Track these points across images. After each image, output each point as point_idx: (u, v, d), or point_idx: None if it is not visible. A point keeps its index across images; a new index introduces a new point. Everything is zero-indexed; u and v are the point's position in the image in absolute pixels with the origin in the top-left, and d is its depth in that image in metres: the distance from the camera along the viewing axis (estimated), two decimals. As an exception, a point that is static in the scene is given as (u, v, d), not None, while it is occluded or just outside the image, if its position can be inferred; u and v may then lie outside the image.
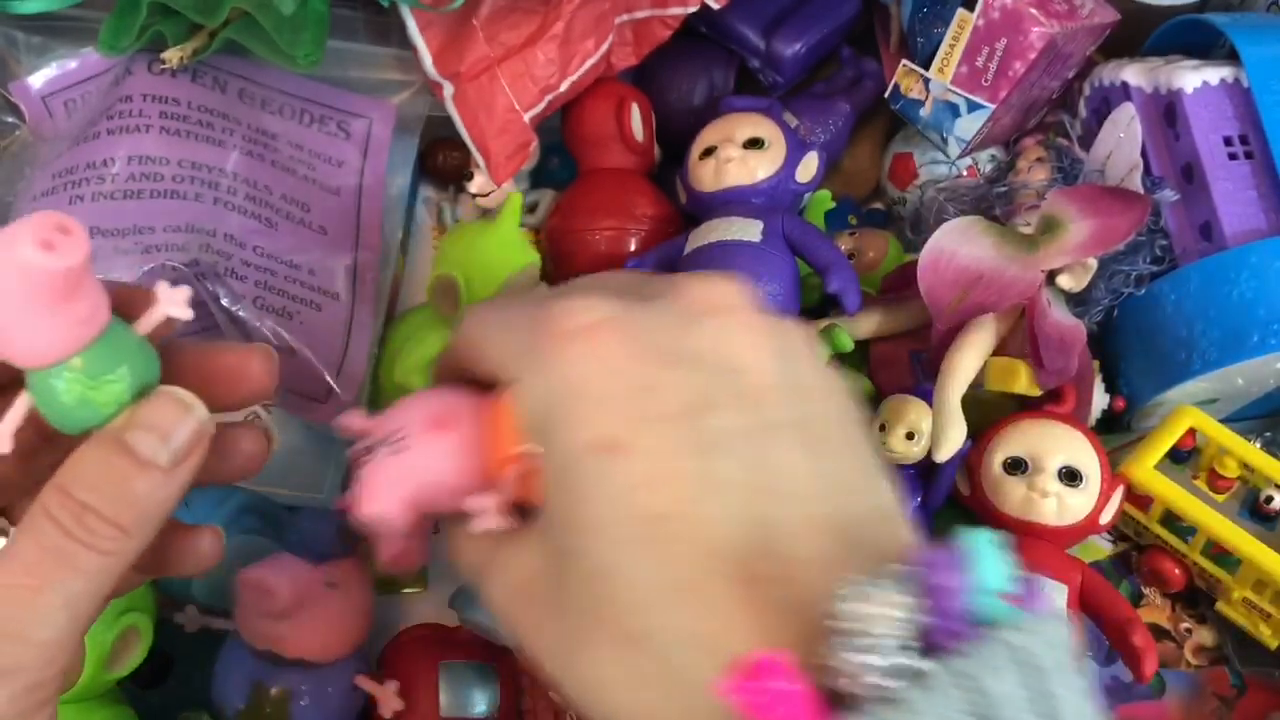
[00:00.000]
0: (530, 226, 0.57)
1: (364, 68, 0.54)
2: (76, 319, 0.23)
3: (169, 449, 0.24)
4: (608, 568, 0.23)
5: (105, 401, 0.24)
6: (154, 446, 0.24)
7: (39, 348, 0.23)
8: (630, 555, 0.22)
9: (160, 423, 0.24)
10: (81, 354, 0.24)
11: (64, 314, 0.23)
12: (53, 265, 0.22)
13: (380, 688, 0.43)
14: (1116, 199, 0.47)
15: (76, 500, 0.23)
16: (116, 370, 0.24)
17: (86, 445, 0.24)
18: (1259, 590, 0.44)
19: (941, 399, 0.43)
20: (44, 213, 0.22)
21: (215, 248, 0.46)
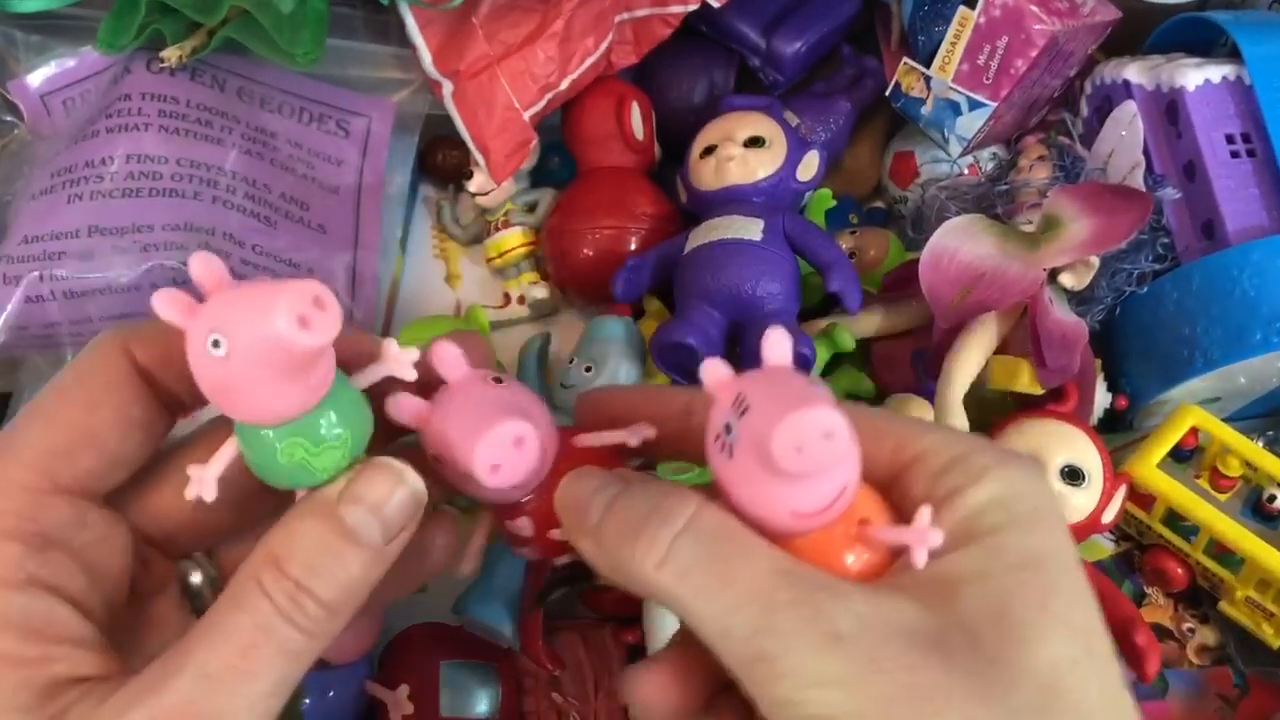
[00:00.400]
0: (530, 226, 0.56)
1: (363, 66, 0.54)
2: (309, 387, 0.22)
3: (383, 525, 0.23)
4: None
5: (323, 467, 0.23)
6: (369, 524, 0.23)
7: (264, 410, 0.22)
8: None
9: (374, 497, 0.23)
10: (305, 419, 0.23)
11: (299, 384, 0.22)
12: (305, 344, 0.21)
13: (391, 694, 0.42)
14: (1118, 197, 0.46)
15: (291, 578, 0.22)
16: (338, 437, 0.23)
17: (302, 516, 0.23)
18: (1262, 589, 0.44)
19: (943, 398, 0.43)
20: (304, 284, 0.21)
21: (214, 246, 0.45)
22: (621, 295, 0.50)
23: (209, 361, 0.21)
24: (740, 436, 0.21)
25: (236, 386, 0.22)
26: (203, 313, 0.21)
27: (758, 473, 0.21)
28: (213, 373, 0.22)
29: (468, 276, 0.58)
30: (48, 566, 0.23)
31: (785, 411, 0.20)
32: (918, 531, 0.22)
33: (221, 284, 0.22)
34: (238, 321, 0.21)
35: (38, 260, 0.44)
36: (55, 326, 0.45)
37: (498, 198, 0.55)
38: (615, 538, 0.23)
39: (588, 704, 0.45)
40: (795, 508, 0.22)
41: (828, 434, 0.20)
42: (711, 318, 0.46)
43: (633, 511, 0.23)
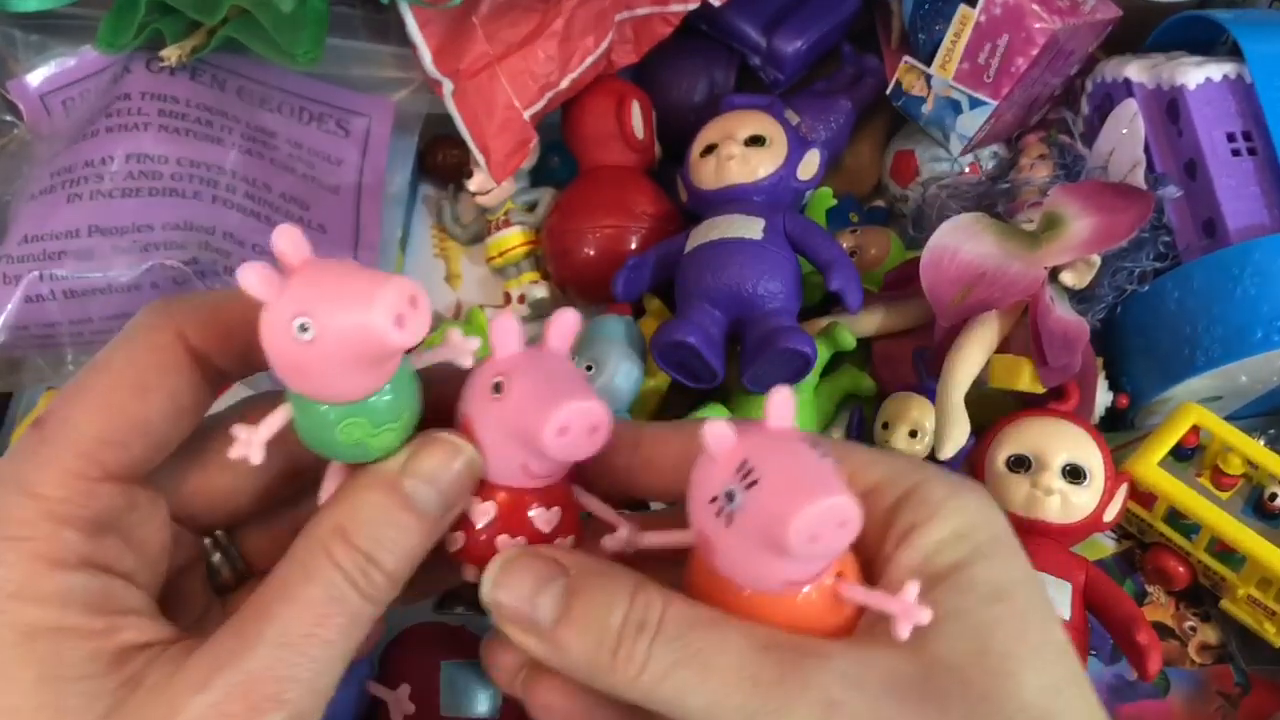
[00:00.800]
0: (530, 225, 0.56)
1: (363, 65, 0.54)
2: (382, 374, 0.23)
3: (441, 497, 0.24)
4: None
5: (378, 447, 0.24)
6: (429, 497, 0.24)
7: (334, 392, 0.23)
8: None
9: (433, 469, 0.24)
10: (369, 401, 0.23)
11: (375, 373, 0.23)
12: (400, 342, 0.21)
13: (392, 693, 0.42)
14: (1119, 196, 0.46)
15: (361, 550, 0.23)
16: (397, 419, 0.24)
17: (366, 488, 0.24)
18: (1263, 588, 0.44)
19: (944, 397, 0.43)
20: (402, 282, 0.21)
21: (214, 246, 0.45)
22: (622, 294, 0.50)
23: (291, 343, 0.21)
24: (746, 509, 0.20)
25: (315, 370, 0.22)
26: (289, 292, 0.21)
27: (757, 547, 0.21)
28: (293, 354, 0.22)
29: (468, 276, 0.58)
30: (101, 549, 0.23)
31: (803, 499, 0.20)
32: (905, 607, 0.21)
33: (306, 261, 0.22)
34: (331, 311, 0.21)
35: (37, 260, 0.44)
36: (55, 326, 0.45)
37: (498, 197, 0.55)
38: (583, 651, 0.23)
39: (589, 703, 0.45)
40: (789, 578, 0.22)
41: (843, 523, 0.20)
42: (712, 316, 0.46)
43: (596, 621, 0.23)
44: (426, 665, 0.44)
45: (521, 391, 0.23)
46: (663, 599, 0.23)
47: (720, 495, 0.21)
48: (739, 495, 0.21)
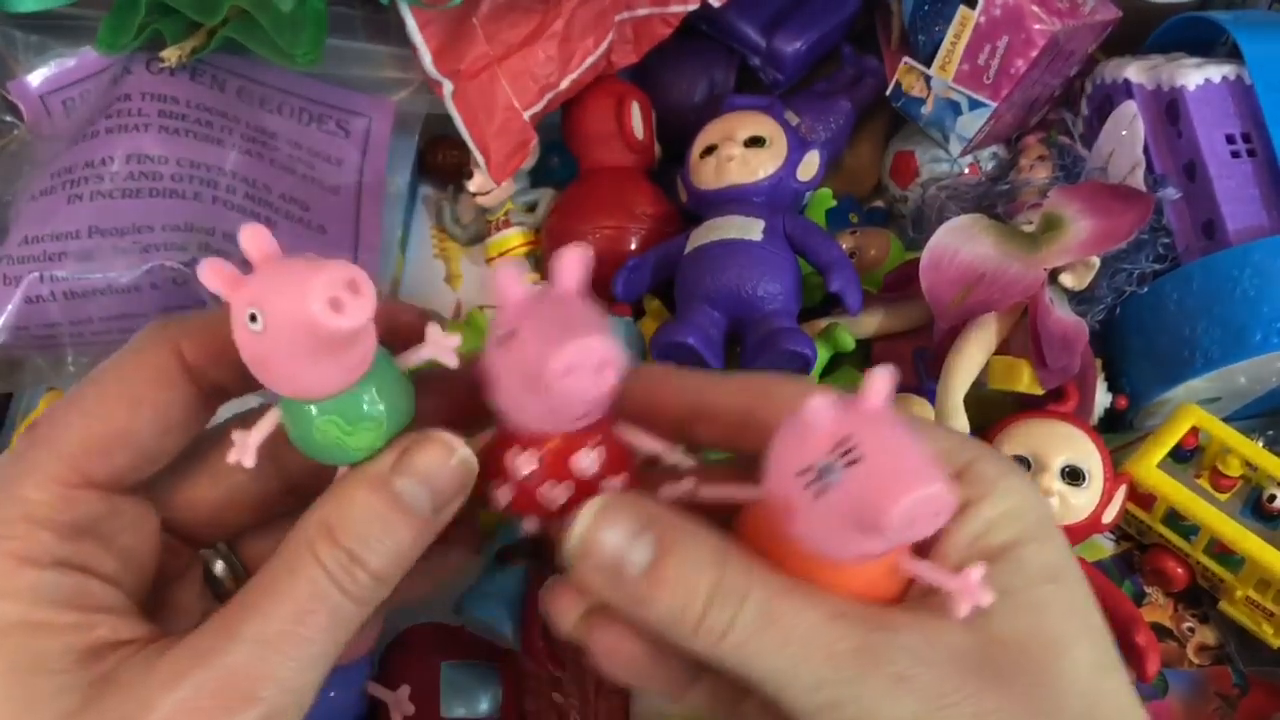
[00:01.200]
0: (530, 225, 0.56)
1: (363, 66, 0.54)
2: (345, 366, 0.23)
3: (433, 496, 0.24)
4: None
5: (357, 446, 0.24)
6: (420, 497, 0.24)
7: (300, 386, 0.23)
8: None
9: (425, 468, 0.24)
10: (342, 396, 0.23)
11: (334, 363, 0.22)
12: (337, 326, 0.21)
13: (392, 694, 0.42)
14: (1119, 197, 0.46)
15: (345, 548, 0.23)
16: (374, 417, 0.24)
17: (355, 486, 0.24)
18: (1262, 589, 0.44)
19: (944, 398, 0.43)
20: (339, 267, 0.21)
21: (214, 247, 0.45)
22: (621, 295, 0.50)
23: (248, 335, 0.22)
24: (842, 486, 0.20)
25: (273, 361, 0.22)
26: (245, 285, 0.22)
27: (846, 523, 0.21)
28: (252, 347, 0.22)
29: (468, 276, 0.58)
30: (78, 551, 0.24)
31: (908, 485, 0.20)
32: (969, 587, 0.22)
33: (268, 257, 0.22)
34: (274, 299, 0.21)
35: (38, 261, 0.44)
36: (55, 327, 0.45)
37: (498, 197, 0.55)
38: (669, 609, 0.23)
39: (588, 704, 0.45)
40: (866, 553, 0.22)
41: (939, 511, 0.20)
42: (712, 318, 0.46)
43: (687, 586, 0.22)
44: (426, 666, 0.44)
45: (526, 337, 0.23)
46: (748, 564, 0.23)
47: (814, 468, 0.21)
48: (837, 471, 0.21)
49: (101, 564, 0.24)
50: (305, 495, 0.27)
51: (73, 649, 0.23)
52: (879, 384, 0.22)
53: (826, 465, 0.21)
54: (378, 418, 0.24)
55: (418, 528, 0.24)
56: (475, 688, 0.44)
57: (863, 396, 0.21)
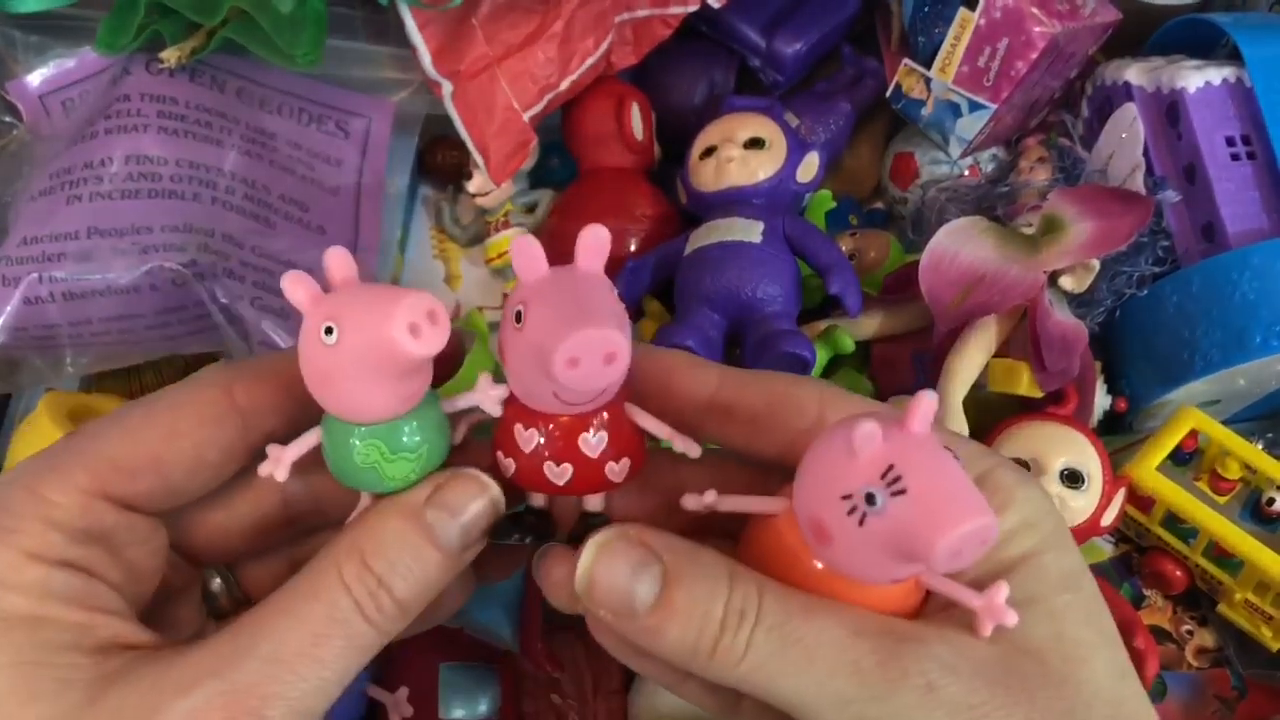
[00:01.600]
0: (530, 226, 0.56)
1: (363, 66, 0.54)
2: (401, 395, 0.23)
3: (462, 533, 0.24)
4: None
5: (392, 475, 0.24)
6: (451, 531, 0.24)
7: (356, 407, 0.23)
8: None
9: (458, 504, 0.24)
10: (389, 424, 0.24)
11: (394, 389, 0.23)
12: (413, 351, 0.22)
13: (391, 696, 0.43)
14: (1118, 199, 0.46)
15: (374, 573, 0.23)
16: (415, 449, 0.24)
17: (388, 515, 0.24)
18: (1260, 592, 0.44)
19: (943, 400, 0.43)
20: (423, 296, 0.22)
21: (213, 248, 0.45)
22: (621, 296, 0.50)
23: (319, 348, 0.22)
24: (888, 515, 0.20)
25: (337, 377, 0.23)
26: (324, 301, 0.23)
27: (888, 552, 0.21)
28: (319, 360, 0.23)
29: (467, 277, 0.58)
30: (86, 555, 0.24)
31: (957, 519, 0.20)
32: (993, 607, 0.22)
33: (349, 280, 0.23)
34: (355, 316, 0.22)
35: (37, 261, 0.44)
36: (54, 328, 0.45)
37: (497, 198, 0.55)
38: (682, 639, 0.22)
39: (587, 705, 0.45)
40: (897, 577, 0.22)
41: (985, 541, 0.20)
42: (711, 320, 0.46)
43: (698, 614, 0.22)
44: (425, 668, 0.44)
45: (536, 320, 0.22)
46: (758, 586, 0.23)
47: (858, 494, 0.21)
48: (882, 500, 0.20)
49: (108, 571, 0.24)
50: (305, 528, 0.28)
51: (79, 645, 0.23)
52: (925, 408, 0.21)
53: (870, 493, 0.21)
54: (418, 450, 0.24)
55: (446, 562, 0.24)
56: (474, 689, 0.44)
57: (908, 420, 0.21)
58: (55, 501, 0.24)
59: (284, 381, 0.26)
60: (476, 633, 0.45)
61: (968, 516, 0.20)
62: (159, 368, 0.53)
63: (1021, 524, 0.24)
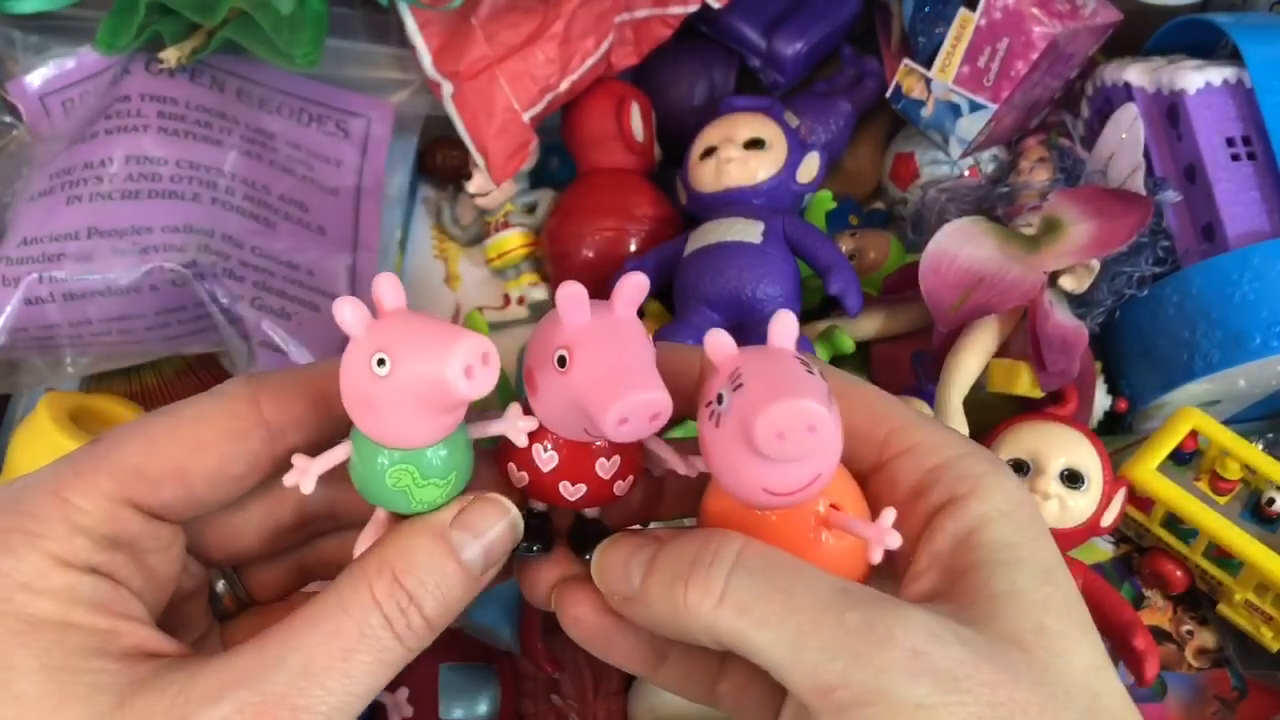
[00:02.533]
0: (530, 227, 0.56)
1: (363, 67, 0.54)
2: (442, 426, 0.24)
3: (485, 555, 0.25)
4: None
5: (420, 499, 0.25)
6: (475, 553, 0.25)
7: (395, 435, 0.24)
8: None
9: (482, 526, 0.25)
10: (421, 452, 0.24)
11: (439, 423, 0.24)
12: (466, 393, 0.22)
13: (390, 696, 0.43)
14: (1119, 200, 0.46)
15: (405, 590, 0.24)
16: (444, 475, 0.25)
17: (418, 534, 0.24)
18: (1260, 593, 0.44)
19: (943, 401, 0.43)
20: (475, 337, 0.22)
21: (213, 248, 0.45)
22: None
23: (368, 376, 0.23)
24: (730, 410, 0.22)
25: (382, 407, 0.23)
26: (375, 330, 0.23)
27: (739, 447, 0.22)
28: (365, 387, 0.23)
29: (467, 277, 0.58)
30: (111, 561, 0.24)
31: (775, 398, 0.21)
32: (879, 530, 0.23)
33: (398, 308, 0.24)
34: (410, 351, 0.22)
35: (37, 262, 0.44)
36: (54, 328, 0.45)
37: (497, 199, 0.55)
38: (663, 589, 0.23)
39: (586, 705, 0.45)
40: (768, 485, 0.22)
41: (810, 427, 0.21)
42: (711, 320, 0.46)
43: (677, 559, 0.23)
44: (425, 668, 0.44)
45: (584, 370, 0.23)
46: (740, 541, 0.23)
47: (714, 400, 0.22)
48: (727, 398, 0.22)
49: (131, 578, 0.24)
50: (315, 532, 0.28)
51: (106, 651, 0.23)
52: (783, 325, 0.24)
53: (720, 394, 0.22)
54: (448, 476, 0.25)
55: (469, 583, 0.25)
56: (473, 690, 0.44)
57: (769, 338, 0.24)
58: (81, 507, 0.24)
59: (311, 396, 0.26)
60: (476, 633, 0.45)
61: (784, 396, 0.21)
62: (159, 368, 0.53)
63: (996, 512, 0.24)
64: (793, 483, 0.22)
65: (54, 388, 0.50)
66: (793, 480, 0.22)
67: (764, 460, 0.22)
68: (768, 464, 0.22)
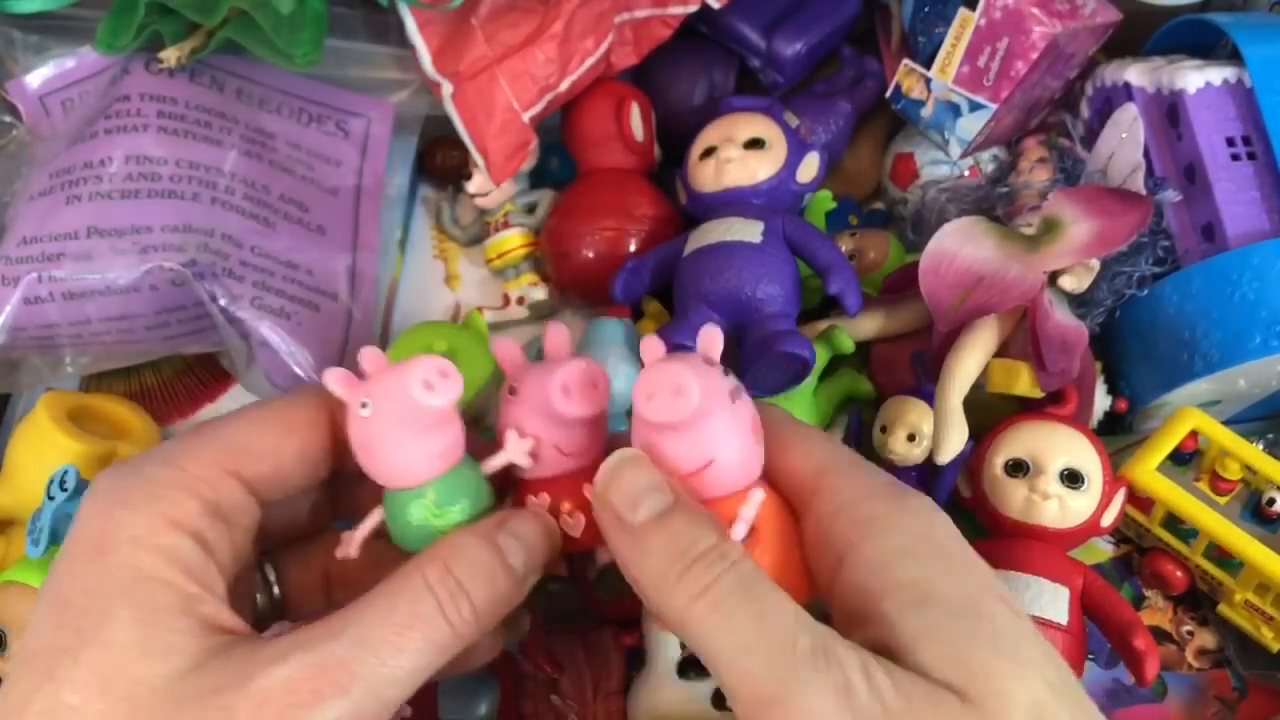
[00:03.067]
0: (530, 227, 0.56)
1: (362, 67, 0.54)
2: (436, 452, 0.28)
3: (527, 558, 0.28)
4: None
5: (442, 528, 0.28)
6: (518, 555, 0.27)
7: (401, 471, 0.28)
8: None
9: (524, 534, 0.28)
10: (433, 484, 0.28)
11: (427, 445, 0.27)
12: (429, 403, 0.26)
13: None
14: (1118, 200, 0.46)
15: (455, 577, 0.26)
16: (459, 503, 0.28)
17: (467, 534, 0.27)
18: (1261, 593, 0.44)
19: (943, 401, 0.43)
20: (430, 358, 0.27)
21: (213, 248, 0.45)
22: (620, 297, 0.50)
23: (359, 421, 0.27)
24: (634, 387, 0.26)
25: (377, 443, 0.27)
26: (359, 385, 0.27)
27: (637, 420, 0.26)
28: (360, 431, 0.27)
29: (467, 277, 0.58)
30: (211, 530, 0.26)
31: (650, 365, 0.26)
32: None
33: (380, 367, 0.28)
34: (381, 387, 0.27)
35: (36, 261, 0.44)
36: (54, 328, 0.45)
37: (497, 199, 0.55)
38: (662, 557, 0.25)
39: (586, 706, 0.45)
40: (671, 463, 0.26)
41: (676, 389, 0.25)
42: (711, 320, 0.46)
43: (686, 538, 0.25)
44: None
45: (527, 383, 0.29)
46: (742, 549, 0.25)
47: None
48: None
49: (220, 551, 0.27)
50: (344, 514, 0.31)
51: (191, 614, 0.25)
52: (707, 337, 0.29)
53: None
54: (463, 505, 0.28)
55: (513, 584, 0.27)
56: (473, 691, 0.44)
57: None
58: (194, 473, 0.26)
59: None
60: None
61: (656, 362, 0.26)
62: (158, 367, 0.53)
63: (898, 550, 0.25)
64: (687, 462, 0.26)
65: (53, 387, 0.50)
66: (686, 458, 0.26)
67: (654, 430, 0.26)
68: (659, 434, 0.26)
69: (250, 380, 0.48)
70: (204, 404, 0.52)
